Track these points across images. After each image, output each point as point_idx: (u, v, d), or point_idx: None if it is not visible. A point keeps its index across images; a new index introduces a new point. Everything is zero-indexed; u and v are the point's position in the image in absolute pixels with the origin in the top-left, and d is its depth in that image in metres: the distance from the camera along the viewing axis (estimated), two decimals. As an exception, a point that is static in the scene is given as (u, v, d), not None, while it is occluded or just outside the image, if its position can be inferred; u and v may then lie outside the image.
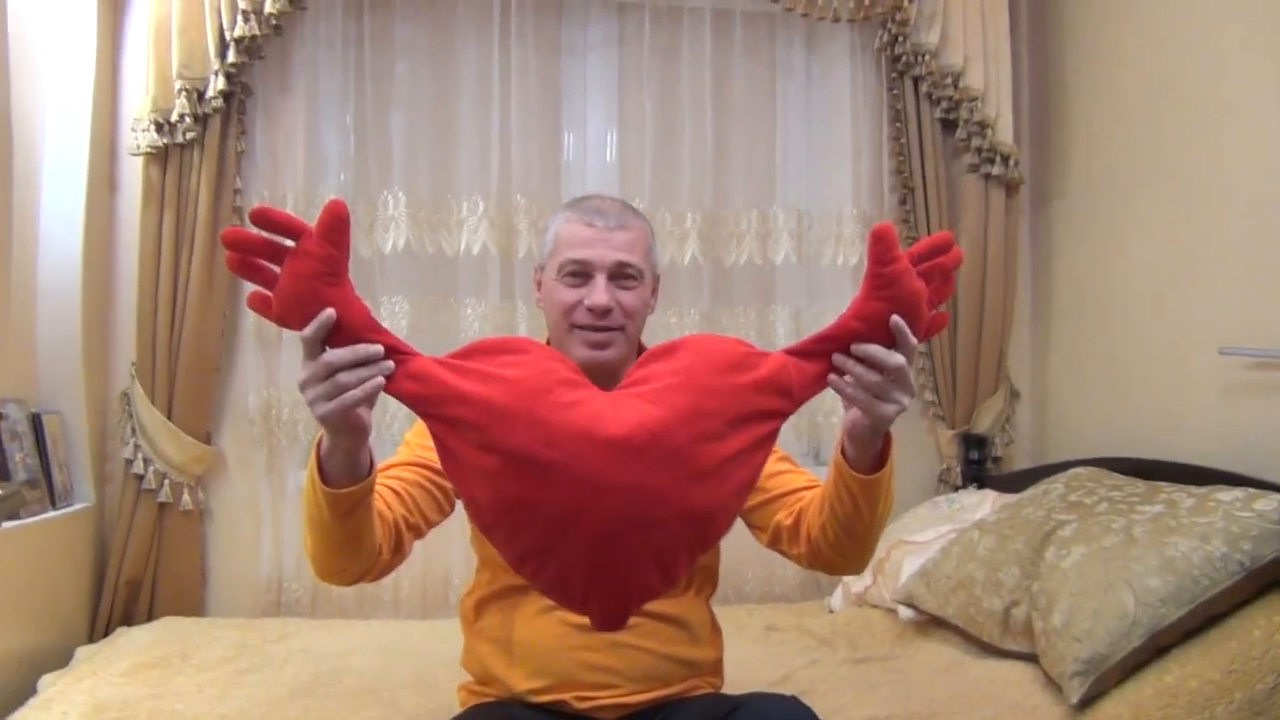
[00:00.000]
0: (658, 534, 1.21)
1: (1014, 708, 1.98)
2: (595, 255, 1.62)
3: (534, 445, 1.17)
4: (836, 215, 3.21)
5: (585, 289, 1.62)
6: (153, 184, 2.81)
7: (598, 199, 1.69)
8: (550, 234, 1.69)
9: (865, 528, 1.45)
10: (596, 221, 1.63)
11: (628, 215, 1.67)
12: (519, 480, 1.18)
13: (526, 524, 1.21)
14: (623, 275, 1.63)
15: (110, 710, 1.98)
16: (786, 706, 1.48)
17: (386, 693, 2.14)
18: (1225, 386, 2.45)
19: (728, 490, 1.25)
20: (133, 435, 2.82)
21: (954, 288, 1.37)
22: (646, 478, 1.18)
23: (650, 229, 1.72)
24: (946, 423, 3.22)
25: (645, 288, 1.67)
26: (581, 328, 1.63)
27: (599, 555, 1.21)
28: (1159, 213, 2.73)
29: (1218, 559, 1.89)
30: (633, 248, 1.64)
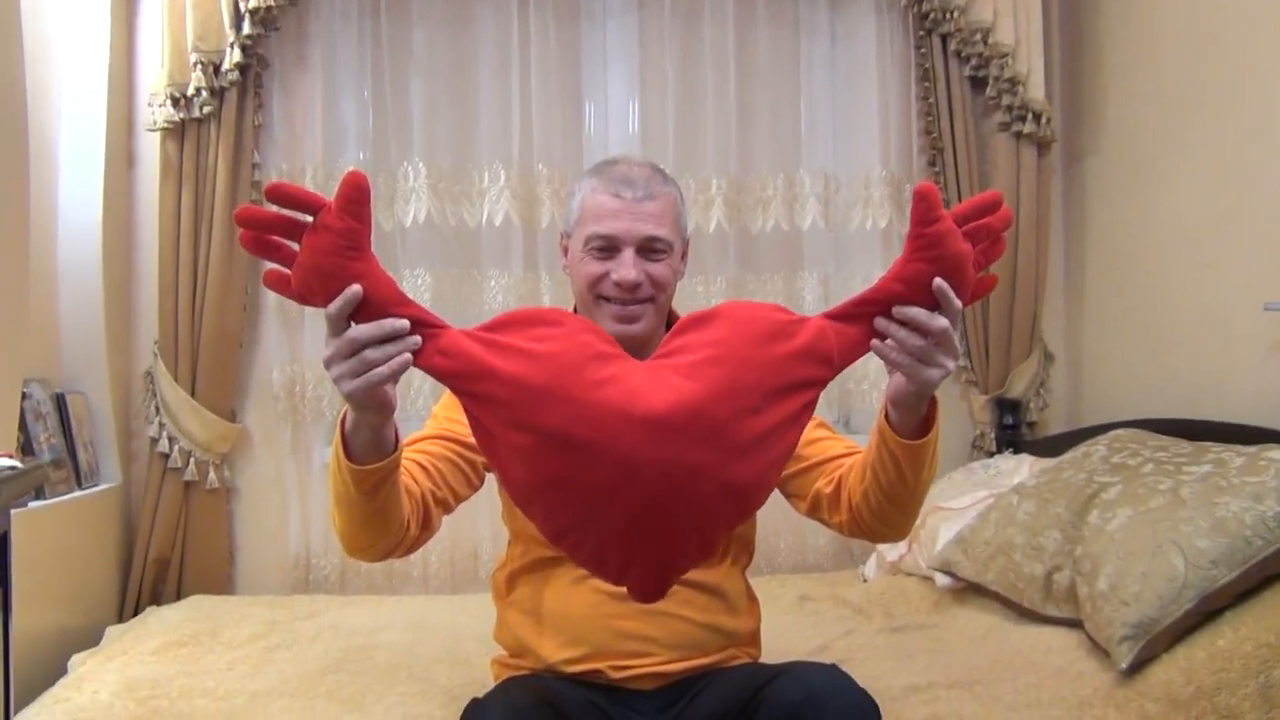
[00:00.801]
0: (696, 509, 1.19)
1: (1058, 674, 1.94)
2: (622, 229, 1.57)
3: (569, 425, 1.15)
4: (864, 178, 3.14)
5: (613, 262, 1.57)
6: (170, 160, 2.78)
7: (624, 165, 1.63)
8: (576, 202, 1.64)
9: (909, 494, 1.41)
10: (624, 192, 1.57)
11: (655, 182, 1.60)
12: (554, 459, 1.16)
13: (563, 502, 1.19)
14: (651, 249, 1.58)
15: (141, 688, 1.96)
16: (827, 675, 1.44)
17: (418, 668, 2.12)
18: (1272, 343, 2.39)
19: (767, 462, 1.22)
20: (157, 414, 2.80)
21: (1004, 249, 1.31)
22: (685, 455, 1.15)
23: (679, 193, 1.66)
24: (979, 388, 3.17)
25: (674, 256, 1.62)
26: (609, 300, 1.59)
27: (637, 531, 1.19)
28: (1198, 167, 2.65)
29: (1271, 518, 1.83)
30: (661, 218, 1.59)
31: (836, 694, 1.39)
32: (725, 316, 1.25)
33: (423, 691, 1.96)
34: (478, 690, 1.75)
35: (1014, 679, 1.94)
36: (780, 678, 1.45)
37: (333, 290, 1.16)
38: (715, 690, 1.55)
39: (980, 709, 1.79)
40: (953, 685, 1.93)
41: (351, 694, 1.95)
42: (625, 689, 1.57)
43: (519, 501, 1.23)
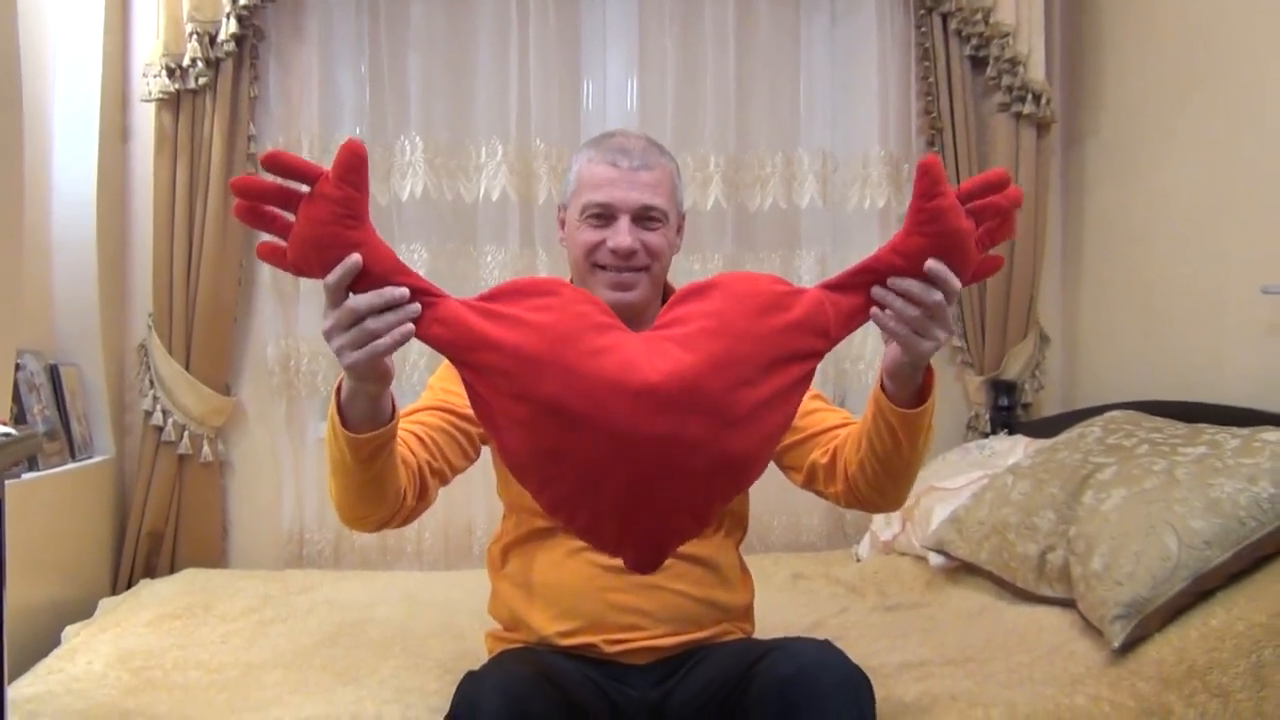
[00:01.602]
0: (691, 482, 1.20)
1: (1051, 652, 1.94)
2: (618, 197, 1.57)
3: (565, 395, 1.14)
4: (863, 157, 3.13)
5: (609, 230, 1.58)
6: (165, 131, 2.76)
7: (621, 136, 1.64)
8: (573, 173, 1.64)
9: (905, 464, 1.42)
10: (620, 161, 1.58)
11: (652, 154, 1.61)
12: (551, 430, 1.16)
13: (559, 473, 1.19)
14: (647, 217, 1.59)
15: (135, 659, 1.96)
16: (819, 650, 1.45)
17: (413, 641, 2.12)
18: (1268, 326, 2.38)
19: (763, 434, 1.22)
20: (151, 387, 2.79)
21: (1014, 229, 1.30)
22: (680, 428, 1.15)
23: (675, 167, 1.67)
24: (975, 369, 3.17)
25: (670, 228, 1.63)
26: (604, 268, 1.59)
27: (632, 503, 1.19)
28: (1196, 150, 2.64)
29: (1265, 500, 1.83)
30: (657, 188, 1.59)
31: (828, 669, 1.39)
32: (722, 288, 1.24)
33: (416, 665, 1.96)
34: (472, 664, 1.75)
35: (1007, 657, 1.95)
36: (772, 653, 1.46)
37: (330, 260, 1.14)
38: (708, 665, 1.56)
39: (973, 686, 1.79)
40: (946, 663, 1.93)
41: (345, 667, 1.95)
42: (619, 663, 1.58)
43: (515, 472, 1.23)
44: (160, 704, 1.73)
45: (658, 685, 1.57)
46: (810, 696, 1.35)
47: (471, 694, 1.37)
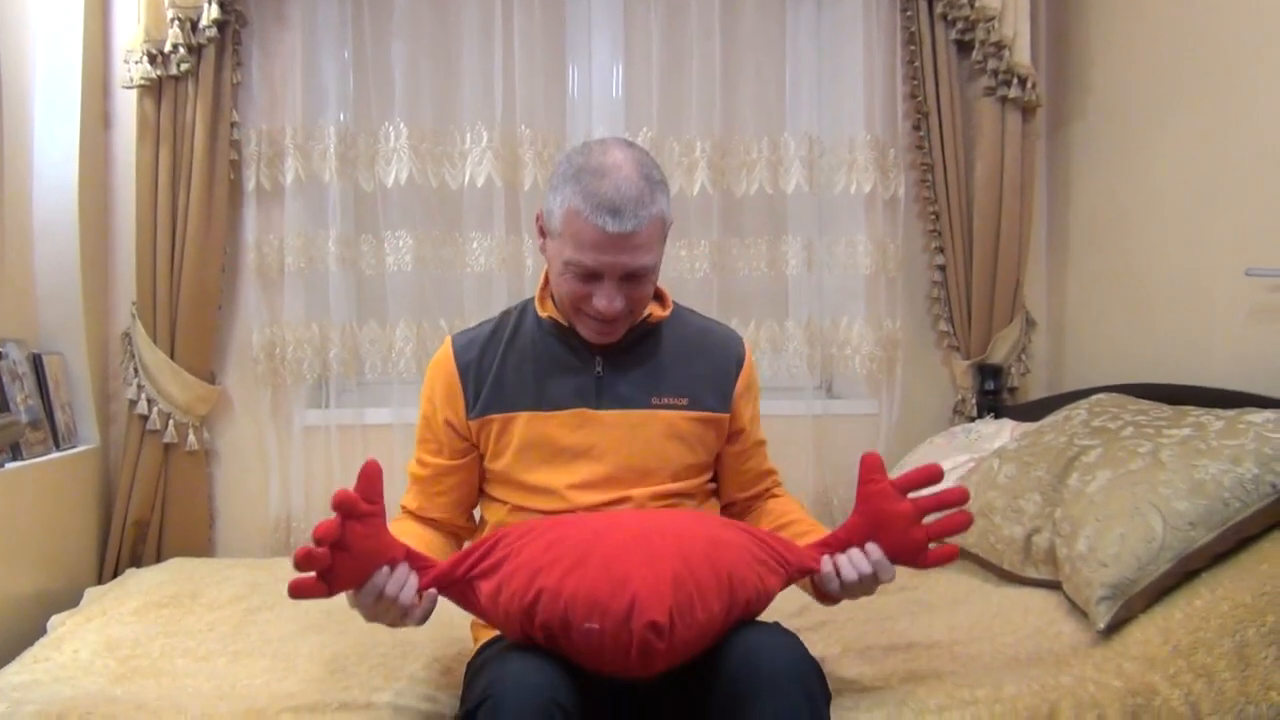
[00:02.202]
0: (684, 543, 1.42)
1: (1037, 634, 1.96)
2: (605, 263, 1.55)
3: (563, 521, 1.48)
4: (849, 142, 3.12)
5: (594, 285, 1.58)
6: (147, 118, 2.73)
7: (612, 181, 1.52)
8: (558, 206, 1.56)
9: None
10: (610, 225, 1.51)
11: (644, 203, 1.53)
12: (552, 534, 1.44)
13: (558, 557, 1.40)
14: (634, 276, 1.58)
15: (122, 648, 1.95)
16: (764, 634, 1.47)
17: (401, 631, 2.09)
18: (1252, 309, 2.39)
19: (744, 541, 1.50)
20: (135, 375, 2.78)
21: (968, 520, 1.57)
22: (668, 519, 1.52)
23: (666, 196, 1.60)
24: (961, 353, 3.17)
25: (656, 272, 1.63)
26: (589, 316, 1.62)
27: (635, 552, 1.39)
28: (1182, 133, 2.65)
29: (1249, 481, 1.84)
30: (648, 247, 1.56)
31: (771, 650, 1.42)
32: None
33: (405, 652, 1.96)
34: (460, 650, 1.75)
35: (993, 639, 1.96)
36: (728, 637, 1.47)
37: (371, 567, 1.41)
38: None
39: (959, 668, 1.80)
40: (932, 645, 1.94)
41: (333, 654, 1.95)
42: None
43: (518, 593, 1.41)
44: (148, 691, 1.73)
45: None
46: (752, 681, 1.38)
47: (498, 679, 1.37)
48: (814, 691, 1.39)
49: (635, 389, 1.67)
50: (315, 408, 2.98)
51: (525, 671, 1.37)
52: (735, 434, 1.76)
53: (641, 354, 1.70)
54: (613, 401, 1.66)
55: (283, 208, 2.89)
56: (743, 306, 3.13)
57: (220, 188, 2.80)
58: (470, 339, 1.73)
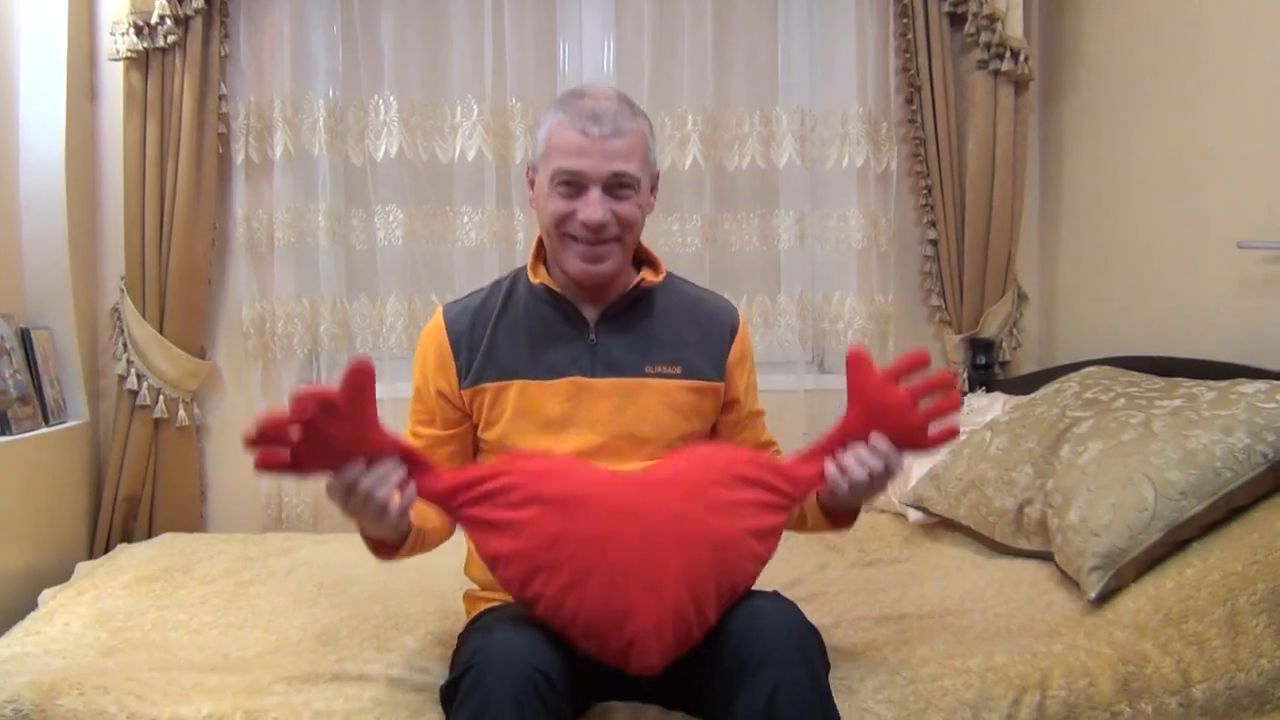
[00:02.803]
0: (687, 554, 1.39)
1: (1028, 604, 1.96)
2: (589, 166, 1.55)
3: (572, 487, 1.41)
4: (841, 115, 3.11)
5: (579, 200, 1.56)
6: (134, 90, 2.71)
7: (592, 98, 1.60)
8: (542, 135, 1.61)
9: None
10: (591, 129, 1.55)
11: (624, 117, 1.58)
12: (557, 518, 1.38)
13: (567, 556, 1.37)
14: (619, 185, 1.57)
15: (113, 621, 1.95)
16: (765, 602, 1.48)
17: (393, 602, 2.11)
18: (1244, 281, 2.40)
19: (744, 527, 1.45)
20: (125, 350, 2.76)
21: (957, 402, 1.56)
22: (670, 503, 1.42)
23: (649, 127, 1.65)
24: (953, 327, 3.17)
25: (642, 193, 1.62)
26: (575, 239, 1.59)
27: (632, 574, 1.36)
28: (1174, 106, 2.64)
29: (1240, 451, 1.85)
30: (630, 155, 1.57)
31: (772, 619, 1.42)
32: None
33: (398, 624, 1.96)
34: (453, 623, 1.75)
35: (985, 610, 1.96)
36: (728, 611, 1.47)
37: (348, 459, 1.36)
38: None
39: (951, 638, 1.80)
40: (924, 616, 1.95)
41: (326, 626, 1.95)
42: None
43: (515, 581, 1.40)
44: (139, 663, 1.72)
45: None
46: (754, 649, 1.37)
47: (483, 647, 1.37)
48: (814, 660, 1.40)
49: (629, 356, 1.66)
50: (306, 382, 2.97)
51: (510, 642, 1.37)
52: (730, 403, 1.75)
53: (634, 319, 1.69)
54: (607, 370, 1.65)
55: (272, 181, 2.87)
56: (734, 281, 3.12)
57: (209, 161, 2.78)
58: (462, 308, 1.72)
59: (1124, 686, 1.64)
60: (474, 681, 1.32)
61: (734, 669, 1.38)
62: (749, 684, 1.35)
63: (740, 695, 1.35)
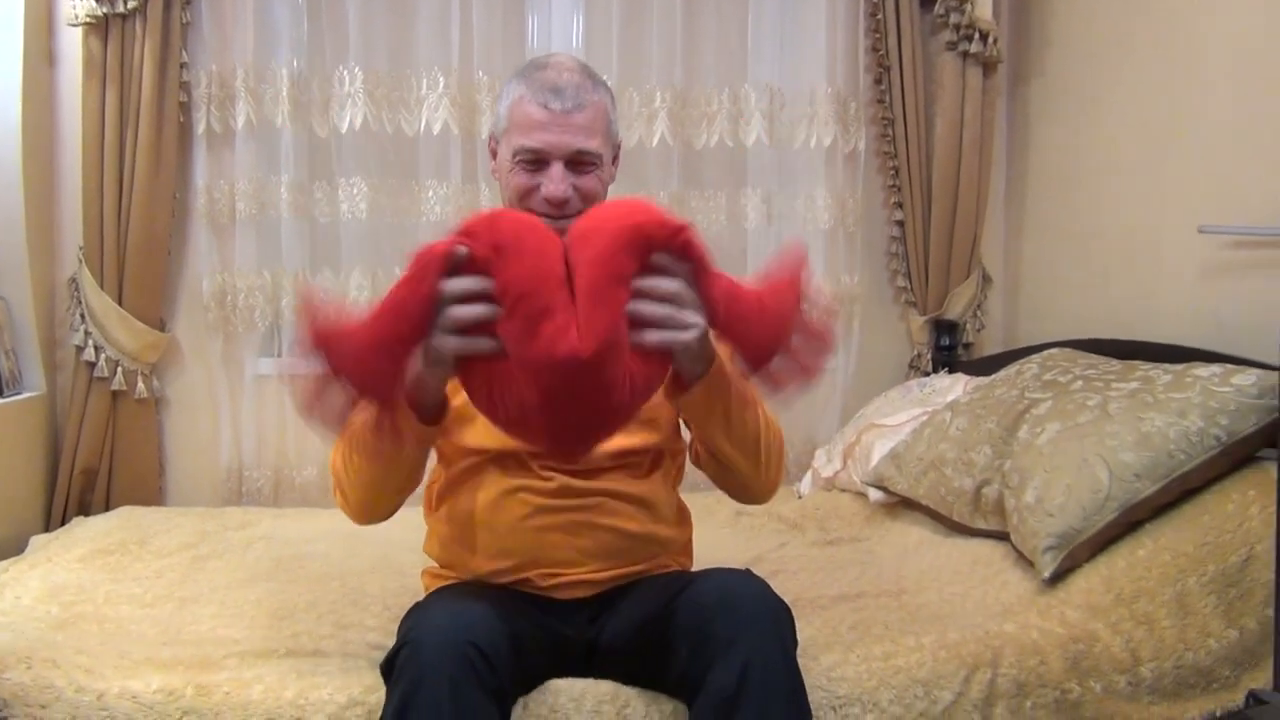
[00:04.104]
0: (613, 413, 1.32)
1: (984, 583, 1.98)
2: (550, 142, 1.52)
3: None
4: (810, 95, 3.10)
5: (541, 175, 1.54)
6: (93, 57, 2.67)
7: (554, 70, 1.57)
8: (504, 108, 1.59)
9: (726, 460, 1.54)
10: (552, 104, 1.52)
11: (585, 90, 1.55)
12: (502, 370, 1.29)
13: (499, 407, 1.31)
14: (580, 161, 1.54)
15: (65, 594, 1.93)
16: (738, 578, 1.48)
17: (351, 578, 2.11)
18: (1204, 266, 2.42)
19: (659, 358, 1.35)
20: (82, 322, 2.73)
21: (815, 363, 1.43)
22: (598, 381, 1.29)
23: (610, 98, 1.62)
24: (918, 309, 3.18)
25: (604, 167, 1.59)
26: (538, 214, 1.53)
27: (561, 433, 1.32)
28: (1138, 92, 2.66)
29: (1194, 433, 1.87)
30: (591, 130, 1.55)
31: (746, 595, 1.42)
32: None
33: (355, 600, 1.95)
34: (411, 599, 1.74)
35: (941, 589, 1.98)
36: (696, 581, 1.48)
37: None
38: (637, 599, 1.57)
39: (906, 616, 1.82)
40: (881, 594, 1.97)
41: (282, 602, 1.94)
42: (554, 598, 1.58)
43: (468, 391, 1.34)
44: (90, 637, 1.71)
45: (593, 620, 1.58)
46: (727, 624, 1.37)
47: (418, 623, 1.37)
48: (786, 638, 1.40)
49: None
50: (267, 356, 2.95)
51: (445, 616, 1.37)
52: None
53: None
54: None
55: (234, 152, 2.83)
56: (701, 259, 3.10)
57: (169, 130, 2.74)
58: None
59: (1074, 665, 1.66)
60: (408, 658, 1.32)
61: (706, 645, 1.37)
62: (721, 660, 1.35)
63: (712, 670, 1.35)
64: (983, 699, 1.61)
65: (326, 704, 1.47)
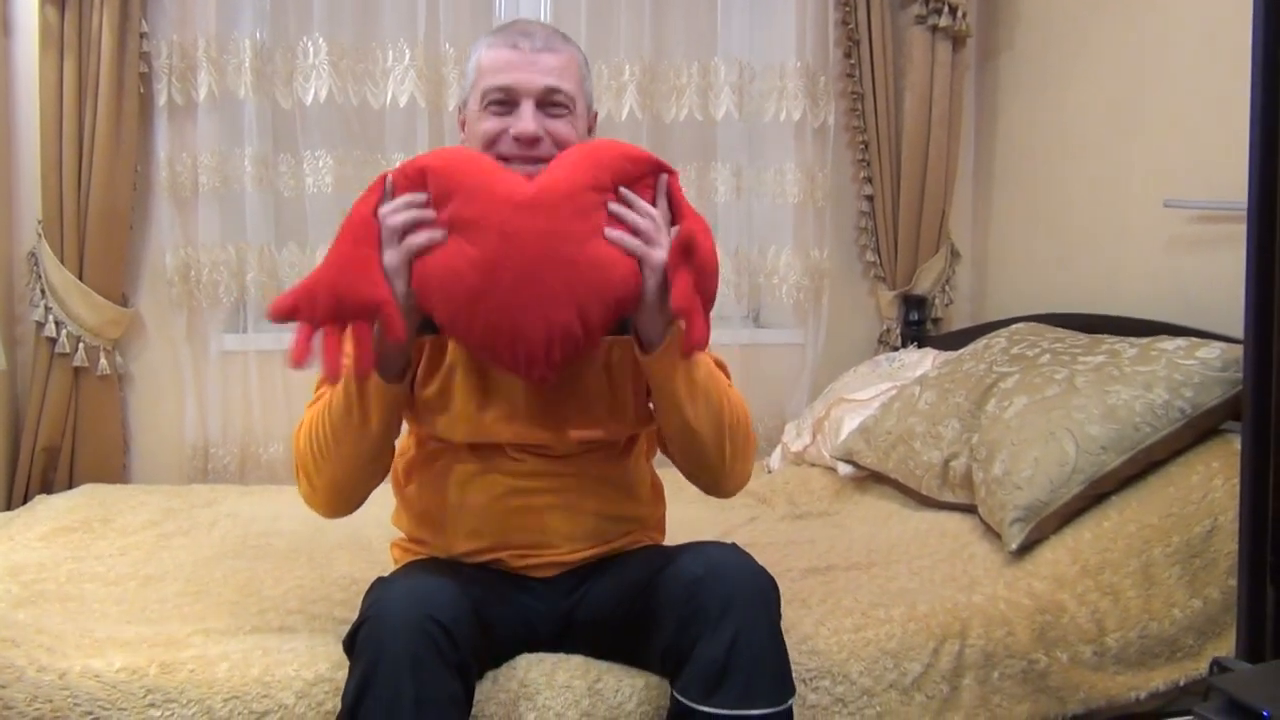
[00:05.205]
0: (571, 274, 1.36)
1: (952, 556, 2.00)
2: (520, 79, 1.47)
3: (471, 209, 1.36)
4: (779, 69, 3.09)
5: (511, 117, 1.48)
6: (51, 26, 2.61)
7: (523, 21, 1.56)
8: (472, 64, 1.54)
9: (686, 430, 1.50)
10: (521, 44, 1.49)
11: (556, 39, 1.53)
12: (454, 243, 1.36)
13: (458, 277, 1.35)
14: (551, 103, 1.49)
15: (26, 573, 1.90)
16: (727, 552, 1.46)
17: (318, 554, 2.09)
18: (1169, 239, 2.43)
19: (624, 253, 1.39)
20: (42, 297, 2.68)
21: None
22: (557, 224, 1.37)
23: (584, 58, 1.57)
24: (887, 284, 3.19)
25: (578, 117, 1.53)
26: (508, 160, 1.48)
27: (520, 295, 1.35)
28: (1104, 66, 2.67)
29: (1159, 406, 1.88)
30: (563, 72, 1.50)
31: (735, 570, 1.40)
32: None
33: (321, 576, 1.94)
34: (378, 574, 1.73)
35: (909, 561, 1.99)
36: (681, 556, 1.46)
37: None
38: (617, 573, 1.55)
39: (875, 588, 1.83)
40: (850, 568, 1.97)
41: (248, 579, 1.92)
42: (527, 576, 1.56)
43: (424, 296, 1.37)
44: (52, 616, 1.68)
45: (567, 596, 1.57)
46: (717, 597, 1.36)
47: (379, 599, 1.36)
48: (774, 611, 1.39)
49: None
50: (233, 332, 2.91)
51: (406, 591, 1.35)
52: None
53: None
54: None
55: (196, 124, 2.78)
56: (671, 234, 3.09)
57: (130, 101, 2.68)
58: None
59: (1040, 635, 1.68)
60: (368, 634, 1.30)
61: (694, 618, 1.36)
62: (709, 633, 1.34)
63: (700, 644, 1.34)
64: (951, 670, 1.62)
65: (293, 680, 1.46)
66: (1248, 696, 1.08)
